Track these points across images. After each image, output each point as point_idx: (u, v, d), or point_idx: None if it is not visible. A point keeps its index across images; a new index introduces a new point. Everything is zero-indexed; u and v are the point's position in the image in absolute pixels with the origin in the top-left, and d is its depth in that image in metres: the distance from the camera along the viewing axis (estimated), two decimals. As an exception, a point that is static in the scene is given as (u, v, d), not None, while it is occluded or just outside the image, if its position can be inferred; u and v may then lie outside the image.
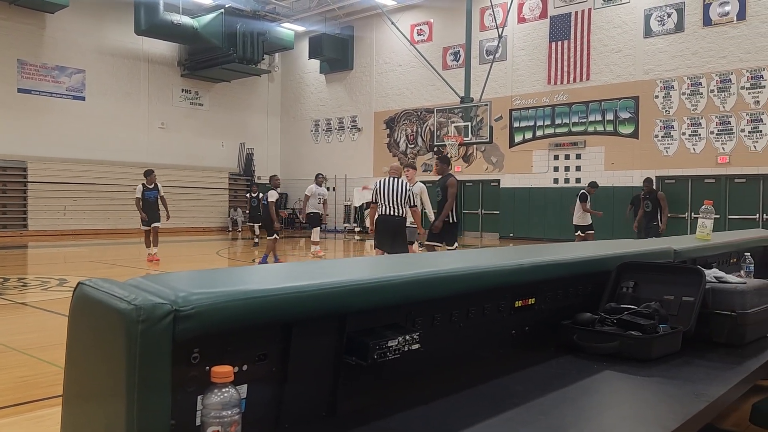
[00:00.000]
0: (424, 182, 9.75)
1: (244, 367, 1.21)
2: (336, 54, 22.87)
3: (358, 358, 1.38)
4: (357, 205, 22.32)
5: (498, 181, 19.40)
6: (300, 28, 23.08)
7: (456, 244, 8.01)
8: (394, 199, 7.43)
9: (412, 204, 7.68)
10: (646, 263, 2.29)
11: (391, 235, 7.46)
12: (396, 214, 7.46)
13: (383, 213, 7.52)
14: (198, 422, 1.11)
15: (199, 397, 1.10)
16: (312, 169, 24.39)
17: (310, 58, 23.37)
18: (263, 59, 22.61)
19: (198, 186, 22.57)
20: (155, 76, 21.96)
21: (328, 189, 24.18)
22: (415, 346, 1.46)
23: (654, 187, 11.32)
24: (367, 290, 1.38)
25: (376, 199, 7.61)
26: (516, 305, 1.96)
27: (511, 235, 18.71)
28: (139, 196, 11.56)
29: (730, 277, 2.20)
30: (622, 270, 2.30)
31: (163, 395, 1.05)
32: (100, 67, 20.50)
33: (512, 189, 18.96)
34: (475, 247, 15.64)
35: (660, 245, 2.80)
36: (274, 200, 10.98)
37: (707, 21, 15.50)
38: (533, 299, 2.03)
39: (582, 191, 12.48)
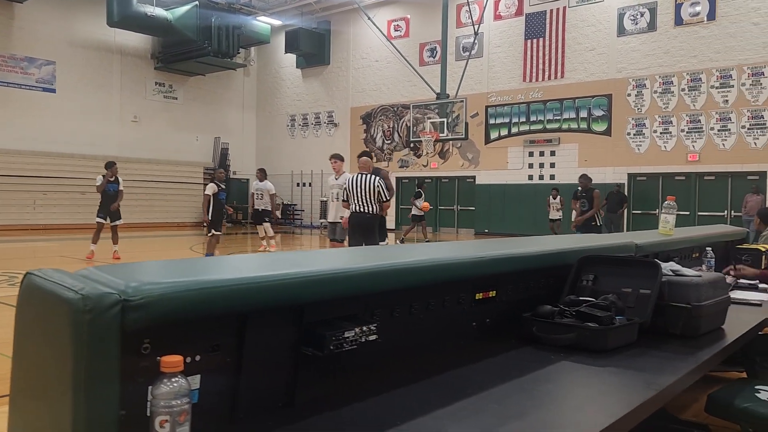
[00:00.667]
0: (399, 179, 9.77)
1: (197, 358, 1.21)
2: (312, 49, 22.76)
3: (315, 349, 1.39)
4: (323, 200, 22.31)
5: (474, 177, 19.52)
6: (276, 22, 22.92)
7: (386, 241, 7.95)
8: (365, 197, 7.35)
9: (384, 199, 7.53)
10: (606, 257, 2.34)
11: (362, 232, 7.38)
12: (366, 211, 7.38)
13: (354, 210, 7.44)
14: (149, 412, 1.11)
15: (150, 387, 1.10)
16: (288, 165, 24.33)
17: (286, 52, 23.23)
18: (239, 53, 22.42)
19: (172, 180, 22.32)
20: (128, 69, 21.63)
21: (298, 185, 24.20)
22: (373, 338, 1.48)
23: (591, 184, 10.75)
24: (324, 282, 1.39)
25: (347, 197, 7.54)
26: (477, 297, 1.99)
27: (486, 230, 18.85)
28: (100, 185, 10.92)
29: (686, 271, 2.25)
30: (583, 263, 2.34)
31: (112, 386, 1.04)
32: (71, 58, 20.13)
33: (488, 185, 19.10)
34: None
35: (622, 240, 2.85)
36: (211, 194, 10.30)
37: (679, 21, 15.76)
38: (494, 292, 2.06)
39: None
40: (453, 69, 18.00)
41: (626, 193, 15.96)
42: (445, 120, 16.18)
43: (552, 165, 17.87)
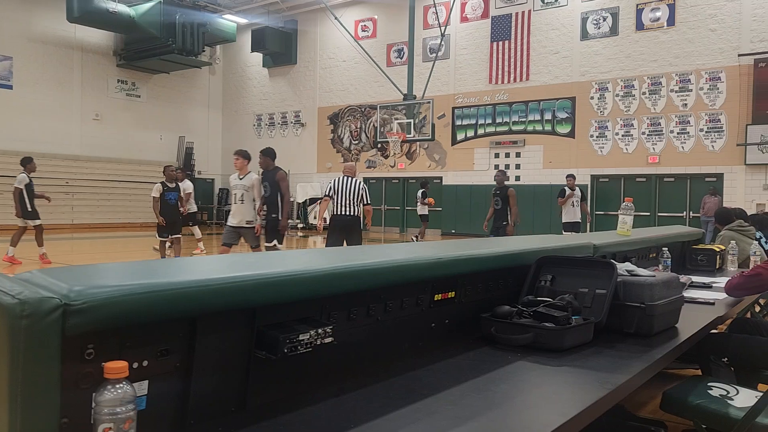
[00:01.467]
0: (366, 179, 9.78)
1: (145, 363, 1.18)
2: (279, 48, 22.59)
3: (268, 352, 1.38)
4: (300, 201, 22.14)
5: (441, 178, 19.63)
6: (242, 21, 22.67)
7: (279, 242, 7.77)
8: (348, 199, 7.62)
9: (366, 202, 7.80)
10: (564, 257, 2.37)
11: (344, 233, 7.63)
12: (349, 213, 7.64)
13: (336, 212, 7.70)
14: (93, 420, 1.08)
15: (94, 394, 1.07)
16: (254, 165, 24.01)
17: (252, 51, 22.99)
18: (204, 51, 22.10)
19: (135, 180, 21.88)
20: (89, 66, 21.14)
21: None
22: (328, 340, 1.46)
23: (507, 182, 10.24)
24: (277, 284, 1.37)
25: (330, 196, 7.77)
26: (436, 298, 1.99)
27: (453, 231, 18.96)
28: (21, 187, 10.18)
29: (641, 271, 2.30)
30: (542, 264, 2.37)
31: (52, 393, 1.01)
32: (30, 54, 19.56)
33: (454, 186, 19.22)
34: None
35: (580, 240, 2.89)
36: (157, 195, 9.75)
37: (640, 26, 16.11)
38: (453, 293, 2.07)
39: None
40: (420, 70, 18.09)
41: (589, 194, 16.23)
42: (412, 121, 16.26)
43: (517, 166, 18.07)
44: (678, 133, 15.61)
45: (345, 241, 7.63)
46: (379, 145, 20.46)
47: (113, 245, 14.74)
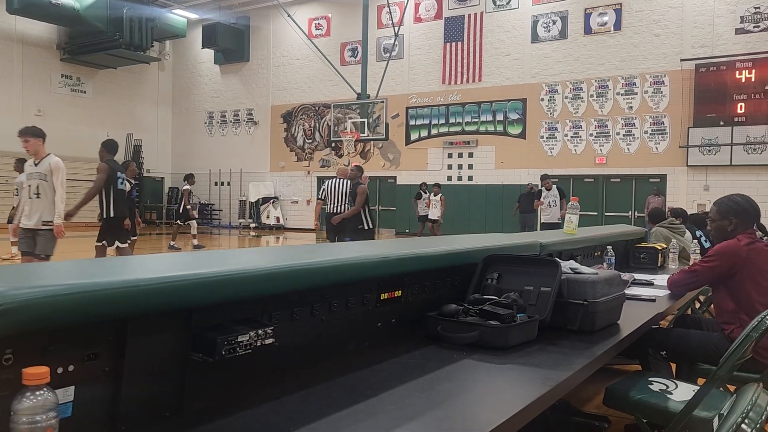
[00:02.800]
0: (320, 178, 9.84)
1: (70, 368, 1.13)
2: (231, 44, 22.22)
3: (205, 355, 1.33)
4: (253, 201, 21.85)
5: (395, 177, 19.68)
6: (193, 16, 22.20)
7: (121, 244, 7.50)
8: (339, 199, 8.35)
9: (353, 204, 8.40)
10: (510, 256, 2.39)
11: (335, 232, 8.35)
12: (340, 212, 8.33)
13: (330, 211, 8.45)
14: (10, 429, 1.01)
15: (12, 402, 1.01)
16: (206, 163, 23.64)
17: (203, 47, 22.55)
18: (152, 46, 21.54)
19: (80, 179, 21.14)
20: (31, 59, 20.33)
21: (216, 183, 23.56)
22: (269, 341, 1.43)
23: (362, 179, 8.78)
24: (213, 284, 1.33)
25: (322, 198, 8.58)
26: (382, 297, 1.98)
27: (407, 231, 19.04)
28: None
29: (584, 269, 2.33)
30: (488, 262, 2.38)
31: (-36, 401, 0.95)
32: (-34, 46, 18.72)
33: (408, 186, 19.29)
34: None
35: (527, 239, 2.93)
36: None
37: (588, 30, 16.52)
38: (400, 291, 2.05)
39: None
40: (374, 69, 18.07)
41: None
42: (366, 120, 16.21)
43: (470, 166, 18.28)
44: (624, 135, 16.08)
45: (337, 240, 8.29)
46: (333, 145, 20.37)
47: (58, 245, 14.19)
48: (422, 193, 16.10)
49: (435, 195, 15.74)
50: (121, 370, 1.21)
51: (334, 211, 8.33)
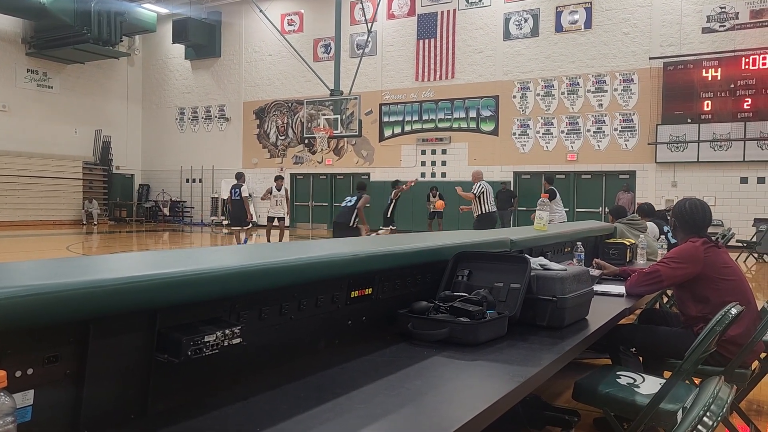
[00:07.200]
0: (293, 175, 9.87)
1: (29, 371, 1.10)
2: (202, 40, 21.94)
3: (170, 356, 1.31)
4: (225, 198, 21.61)
5: (368, 174, 19.65)
6: (163, 10, 21.85)
7: None
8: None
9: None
10: (480, 252, 2.40)
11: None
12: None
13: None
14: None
15: (-32, 408, 0.98)
16: (177, 160, 23.33)
17: (174, 42, 22.21)
18: (122, 41, 21.14)
19: (47, 176, 20.73)
20: (-5, 54, 19.83)
21: (188, 180, 23.27)
22: (237, 341, 1.41)
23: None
24: (177, 284, 1.30)
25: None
26: (353, 295, 1.97)
27: (381, 227, 19.03)
28: None
29: (553, 265, 2.36)
30: (459, 259, 2.39)
31: None
32: (-73, 39, 18.15)
33: (382, 182, 19.27)
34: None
35: (497, 236, 2.95)
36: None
37: (559, 28, 16.69)
38: (370, 289, 2.05)
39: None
40: (347, 66, 18.00)
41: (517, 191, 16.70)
42: (339, 117, 16.14)
43: (443, 163, 18.35)
44: (594, 132, 16.30)
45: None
46: (306, 141, 20.26)
47: (23, 244, 13.91)
48: (431, 195, 16.42)
49: (434, 197, 16.11)
50: (84, 372, 1.18)
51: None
